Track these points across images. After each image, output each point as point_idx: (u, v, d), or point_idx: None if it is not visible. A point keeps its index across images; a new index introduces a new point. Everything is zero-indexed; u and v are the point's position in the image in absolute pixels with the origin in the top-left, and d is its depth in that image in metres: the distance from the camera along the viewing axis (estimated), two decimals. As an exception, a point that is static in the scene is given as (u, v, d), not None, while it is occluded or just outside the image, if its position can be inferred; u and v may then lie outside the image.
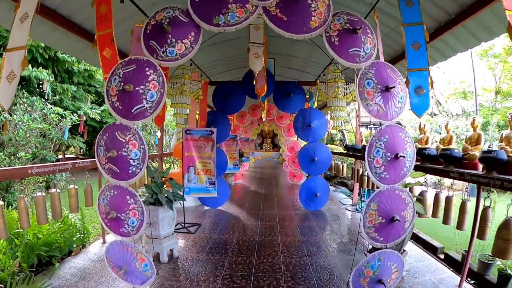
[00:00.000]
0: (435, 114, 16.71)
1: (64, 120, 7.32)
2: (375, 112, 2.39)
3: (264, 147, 20.29)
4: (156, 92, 2.29)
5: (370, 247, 2.90)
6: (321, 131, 5.48)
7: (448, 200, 3.17)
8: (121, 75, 2.36)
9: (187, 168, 4.46)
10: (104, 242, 4.02)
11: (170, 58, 2.29)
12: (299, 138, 8.75)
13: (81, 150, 21.95)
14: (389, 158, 2.39)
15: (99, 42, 2.56)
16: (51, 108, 7.04)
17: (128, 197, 2.43)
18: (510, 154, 2.40)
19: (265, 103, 6.08)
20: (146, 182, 3.69)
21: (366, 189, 8.49)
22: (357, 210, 6.08)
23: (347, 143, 8.14)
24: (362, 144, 6.57)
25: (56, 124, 7.09)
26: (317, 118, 5.43)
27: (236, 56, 6.15)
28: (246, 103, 10.81)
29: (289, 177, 8.92)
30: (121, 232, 2.58)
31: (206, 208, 5.69)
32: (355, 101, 4.62)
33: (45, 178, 6.76)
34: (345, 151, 8.24)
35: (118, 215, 2.48)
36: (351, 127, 17.05)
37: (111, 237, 3.98)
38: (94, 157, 2.60)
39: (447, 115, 14.32)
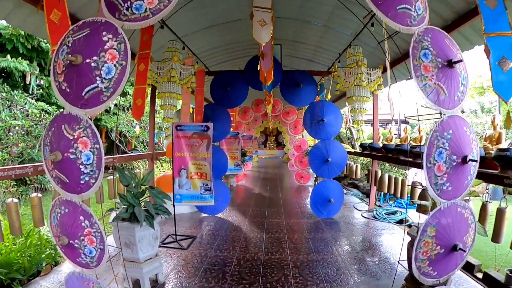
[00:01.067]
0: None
1: (48, 116, 6.67)
2: (434, 97, 1.66)
3: (268, 145, 19.56)
4: (115, 65, 1.57)
5: (404, 270, 2.16)
6: (335, 127, 4.74)
7: (501, 213, 2.46)
8: (70, 44, 1.65)
9: (178, 171, 3.73)
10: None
11: (137, 16, 1.58)
12: (308, 135, 8.00)
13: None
14: (454, 163, 1.67)
15: (45, 2, 1.86)
16: (34, 103, 6.38)
17: (81, 217, 1.73)
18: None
19: (271, 95, 5.35)
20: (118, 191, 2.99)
21: (383, 193, 7.77)
22: (374, 217, 5.34)
23: (363, 142, 7.39)
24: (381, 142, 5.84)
25: (40, 121, 6.44)
26: (331, 112, 4.70)
27: (238, 42, 5.42)
28: (249, 98, 10.02)
29: (295, 178, 8.20)
30: (78, 262, 1.89)
31: (203, 215, 5.00)
32: (380, 89, 3.87)
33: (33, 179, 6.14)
34: (353, 150, 7.51)
35: (71, 241, 1.79)
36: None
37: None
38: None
39: (462, 112, 13.45)
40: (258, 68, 3.30)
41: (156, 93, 3.45)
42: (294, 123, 8.34)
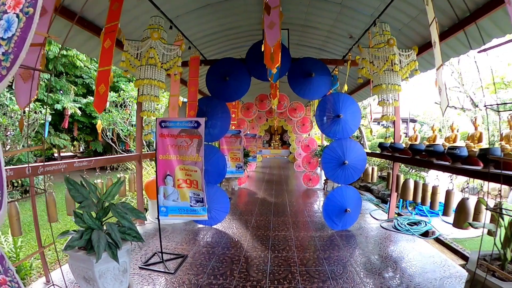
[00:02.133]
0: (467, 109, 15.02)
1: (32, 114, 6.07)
2: None
3: (272, 144, 18.88)
4: (17, 16, 0.91)
5: None
6: (353, 123, 4.03)
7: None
8: None
9: (162, 178, 3.05)
10: (48, 281, 2.70)
11: None
12: (316, 134, 7.29)
13: (80, 148, 20.96)
14: None
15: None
16: (12, 99, 5.78)
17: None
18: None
19: (277, 86, 4.65)
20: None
21: (407, 201, 7.03)
22: (395, 228, 4.64)
23: (383, 142, 6.67)
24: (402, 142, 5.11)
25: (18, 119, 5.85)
26: (349, 106, 3.99)
27: (239, 27, 4.72)
28: (253, 93, 9.35)
29: (303, 180, 7.49)
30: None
31: (198, 226, 4.33)
32: (415, 75, 3.14)
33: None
34: (369, 151, 6.79)
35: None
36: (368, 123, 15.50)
37: (57, 275, 2.67)
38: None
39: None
40: (263, 49, 2.62)
41: (134, 81, 2.79)
42: (301, 120, 7.62)
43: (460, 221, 3.01)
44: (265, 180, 8.89)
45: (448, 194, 3.33)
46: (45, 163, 2.37)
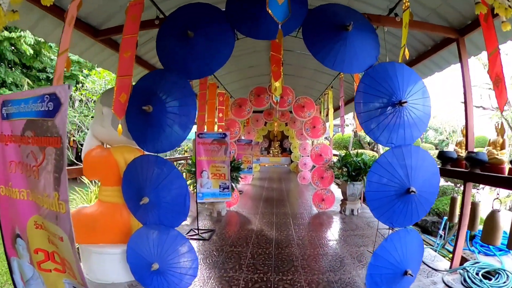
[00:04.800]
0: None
1: None
2: None
3: (271, 152, 17.04)
4: None
5: None
6: (421, 117, 2.22)
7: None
8: None
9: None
10: None
11: None
12: (325, 139, 5.45)
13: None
14: None
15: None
16: None
17: None
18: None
19: (281, 60, 2.83)
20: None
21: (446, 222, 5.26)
22: (466, 283, 2.92)
23: (444, 150, 4.87)
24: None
25: None
26: (414, 86, 2.18)
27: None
28: (247, 84, 7.45)
29: (314, 201, 5.62)
30: None
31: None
32: None
33: None
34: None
35: None
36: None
37: None
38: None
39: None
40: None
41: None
42: (311, 121, 5.79)
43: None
44: (263, 198, 6.99)
45: None
46: None
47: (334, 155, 6.49)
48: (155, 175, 2.17)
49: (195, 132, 4.11)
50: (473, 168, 3.04)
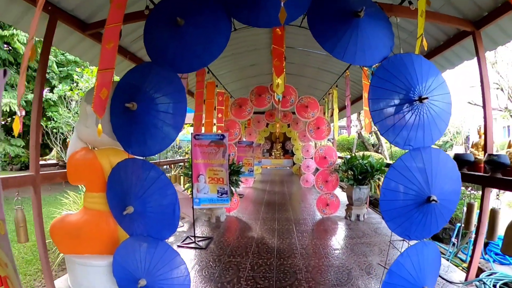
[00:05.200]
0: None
1: None
2: None
3: (273, 154, 16.79)
4: None
5: None
6: (442, 115, 1.96)
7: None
8: None
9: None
10: None
11: None
12: (327, 140, 5.19)
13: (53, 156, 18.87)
14: None
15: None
16: None
17: None
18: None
19: (283, 54, 2.58)
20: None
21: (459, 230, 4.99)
22: None
23: (458, 152, 4.61)
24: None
25: None
26: (434, 81, 1.92)
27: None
28: (247, 83, 7.20)
29: (317, 206, 5.35)
30: None
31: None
32: None
33: None
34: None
35: None
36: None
37: None
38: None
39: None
40: None
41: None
42: (315, 122, 5.53)
43: None
44: (265, 202, 6.73)
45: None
46: None
47: (339, 157, 6.22)
48: (140, 181, 1.93)
49: (192, 133, 3.84)
50: (494, 172, 2.79)
